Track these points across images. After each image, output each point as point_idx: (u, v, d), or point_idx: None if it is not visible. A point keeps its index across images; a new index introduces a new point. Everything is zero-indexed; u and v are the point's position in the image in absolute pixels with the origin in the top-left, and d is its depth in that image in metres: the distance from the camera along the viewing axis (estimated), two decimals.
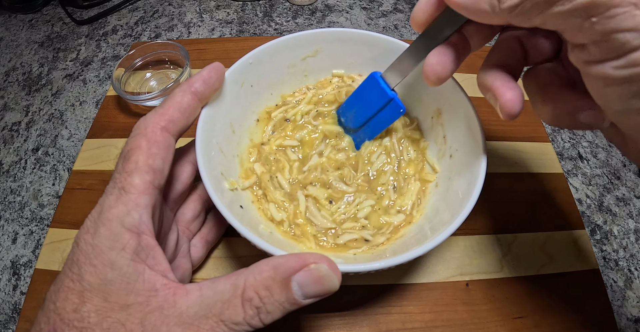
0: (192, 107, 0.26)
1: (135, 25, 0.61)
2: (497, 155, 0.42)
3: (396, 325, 0.32)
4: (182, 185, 0.29)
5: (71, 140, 0.47)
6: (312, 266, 0.20)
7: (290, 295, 0.19)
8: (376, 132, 0.34)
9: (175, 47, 0.47)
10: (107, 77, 0.54)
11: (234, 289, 0.19)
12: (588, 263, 0.35)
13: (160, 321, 0.19)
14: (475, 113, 0.28)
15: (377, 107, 0.32)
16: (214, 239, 0.34)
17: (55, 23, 0.63)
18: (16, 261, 0.38)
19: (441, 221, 0.27)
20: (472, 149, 0.28)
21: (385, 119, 0.32)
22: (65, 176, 0.44)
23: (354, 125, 0.34)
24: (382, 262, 0.23)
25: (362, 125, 0.34)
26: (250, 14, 0.62)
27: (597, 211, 0.41)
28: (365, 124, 0.33)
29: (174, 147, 0.25)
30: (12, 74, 0.56)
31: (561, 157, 0.45)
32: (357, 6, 0.64)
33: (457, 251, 0.35)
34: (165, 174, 0.23)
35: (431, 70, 0.23)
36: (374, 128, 0.33)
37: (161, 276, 0.20)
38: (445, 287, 0.33)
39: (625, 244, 0.39)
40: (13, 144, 0.48)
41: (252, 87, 0.34)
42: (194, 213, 0.31)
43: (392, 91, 0.30)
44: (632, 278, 0.37)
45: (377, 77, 0.31)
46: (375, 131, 0.34)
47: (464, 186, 0.27)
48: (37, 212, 0.42)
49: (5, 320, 0.35)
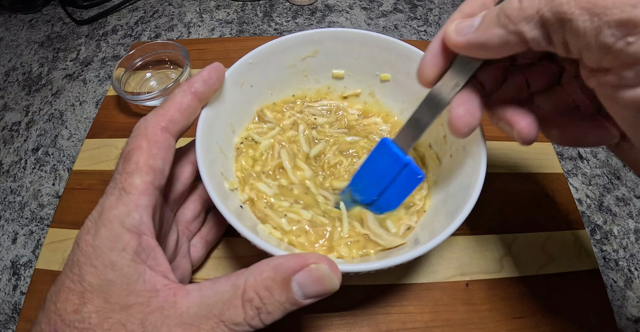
0: (192, 107, 0.26)
1: (135, 25, 0.61)
2: (497, 155, 0.42)
3: (396, 325, 0.32)
4: (182, 185, 0.29)
5: (71, 140, 0.47)
6: (312, 266, 0.20)
7: (290, 295, 0.19)
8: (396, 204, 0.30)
9: (175, 47, 0.47)
10: (107, 77, 0.54)
11: (234, 290, 0.19)
12: (588, 263, 0.35)
13: (161, 322, 0.19)
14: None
15: (393, 174, 0.28)
16: (214, 239, 0.34)
17: (55, 23, 0.63)
18: (16, 261, 0.39)
19: (441, 221, 0.27)
20: (472, 149, 0.28)
21: (402, 188, 0.29)
22: (65, 176, 0.44)
23: (367, 200, 0.31)
24: (382, 262, 0.23)
25: (376, 199, 0.31)
26: (250, 14, 0.62)
27: (597, 211, 0.41)
28: (380, 197, 0.30)
29: (174, 148, 0.25)
30: (12, 74, 0.56)
31: (561, 157, 0.45)
32: (357, 6, 0.64)
33: (457, 251, 0.35)
34: (165, 175, 0.23)
35: (461, 122, 0.22)
36: (393, 198, 0.30)
37: (162, 277, 0.20)
38: (445, 287, 0.33)
39: (625, 244, 0.39)
40: (13, 144, 0.48)
41: (252, 87, 0.34)
42: (194, 213, 0.31)
43: (406, 156, 0.27)
44: (632, 278, 0.37)
45: (387, 142, 0.28)
46: (395, 203, 0.30)
47: (464, 186, 0.27)
48: (37, 212, 0.42)
49: (5, 320, 0.35)
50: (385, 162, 0.28)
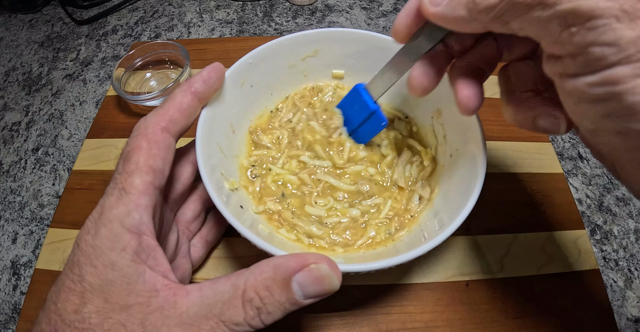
0: (192, 107, 0.26)
1: (135, 25, 0.61)
2: (497, 155, 0.42)
3: (396, 325, 0.32)
4: (182, 185, 0.29)
5: (71, 140, 0.47)
6: (312, 266, 0.20)
7: (290, 295, 0.19)
8: (364, 140, 0.34)
9: (175, 47, 0.47)
10: (107, 77, 0.54)
11: (235, 290, 0.19)
12: (588, 263, 0.35)
13: (161, 322, 0.19)
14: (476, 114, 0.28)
15: (361, 118, 0.32)
16: (214, 239, 0.34)
17: (55, 23, 0.63)
18: (16, 261, 0.39)
19: (441, 221, 0.27)
20: (472, 149, 0.28)
21: (369, 131, 0.33)
22: (65, 176, 0.44)
23: (348, 129, 0.34)
24: (382, 262, 0.23)
25: (354, 131, 0.34)
26: (250, 14, 0.62)
27: (597, 211, 0.41)
28: (355, 131, 0.34)
29: (174, 148, 0.25)
30: (12, 74, 0.56)
31: (561, 157, 0.45)
32: (357, 6, 0.64)
33: (457, 251, 0.35)
34: (165, 175, 0.23)
35: (417, 83, 0.24)
36: (362, 136, 0.34)
37: (162, 277, 0.20)
38: (445, 287, 0.33)
39: (625, 244, 0.39)
40: (13, 144, 0.48)
41: (252, 87, 0.34)
42: (194, 213, 0.31)
43: (374, 104, 0.30)
44: (632, 278, 0.37)
45: (360, 89, 0.31)
46: (363, 140, 0.34)
47: (463, 186, 0.27)
48: (37, 212, 0.42)
49: (5, 320, 0.35)
50: (357, 106, 0.32)
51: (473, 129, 0.28)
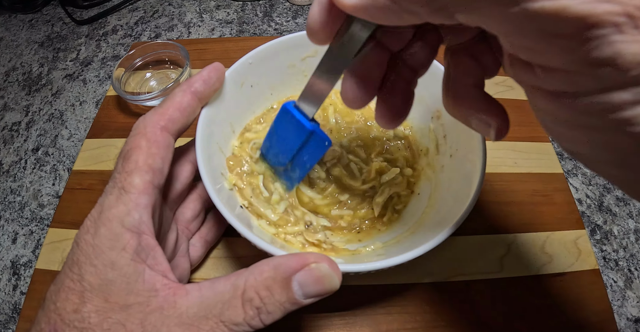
0: (192, 106, 0.26)
1: (135, 25, 0.61)
2: (497, 155, 0.42)
3: (396, 325, 0.32)
4: (182, 184, 0.29)
5: (71, 140, 0.47)
6: (312, 265, 0.20)
7: (291, 295, 0.19)
8: (304, 172, 0.30)
9: (175, 47, 0.47)
10: (107, 77, 0.54)
11: (234, 290, 0.19)
12: (588, 263, 0.35)
13: (161, 322, 0.19)
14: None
15: (299, 142, 0.27)
16: (214, 239, 0.34)
17: (55, 23, 0.63)
18: (16, 261, 0.38)
19: (441, 221, 0.27)
20: (472, 149, 0.28)
21: (311, 154, 0.28)
22: (65, 176, 0.44)
23: (281, 164, 0.31)
24: (382, 262, 0.23)
25: (289, 164, 0.30)
26: (250, 14, 0.62)
27: (597, 211, 0.41)
28: (295, 156, 0.29)
29: (173, 147, 0.25)
30: (12, 74, 0.56)
31: (561, 157, 0.45)
32: None
33: (457, 251, 0.35)
34: (164, 174, 0.23)
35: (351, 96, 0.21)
36: (301, 167, 0.30)
37: (161, 276, 0.20)
38: (445, 287, 0.33)
39: (625, 244, 0.39)
40: (13, 144, 0.48)
41: (252, 87, 0.34)
42: (193, 212, 0.31)
43: (310, 123, 0.26)
44: (632, 278, 0.37)
45: (289, 109, 0.26)
46: (303, 171, 0.30)
47: (463, 186, 0.27)
48: (37, 212, 0.42)
49: (5, 320, 0.35)
50: (291, 128, 0.27)
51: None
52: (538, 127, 0.45)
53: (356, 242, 0.31)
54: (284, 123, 0.28)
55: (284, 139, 0.28)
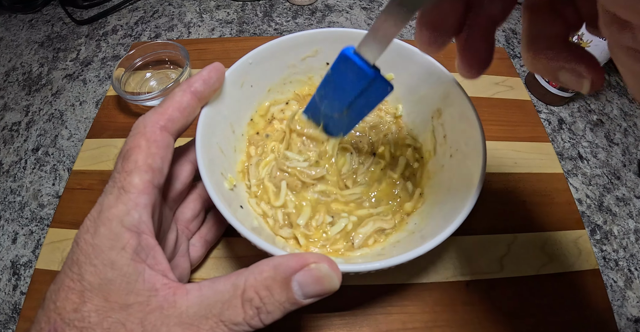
0: (192, 106, 0.26)
1: (135, 25, 0.61)
2: (497, 155, 0.42)
3: (396, 325, 0.32)
4: (182, 184, 0.29)
5: (71, 140, 0.47)
6: (312, 265, 0.20)
7: (290, 295, 0.19)
8: (359, 118, 0.30)
9: (175, 47, 0.47)
10: (107, 77, 0.54)
11: (234, 290, 0.19)
12: (588, 263, 0.35)
13: (161, 321, 0.19)
14: (475, 113, 0.28)
15: (358, 89, 0.26)
16: (214, 239, 0.34)
17: (55, 23, 0.63)
18: (16, 261, 0.38)
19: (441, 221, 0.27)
20: (472, 149, 0.28)
21: (371, 100, 0.27)
22: (65, 176, 0.44)
23: (336, 111, 0.29)
24: (382, 262, 0.23)
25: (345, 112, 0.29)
26: (250, 14, 0.62)
27: (597, 211, 0.41)
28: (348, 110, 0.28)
29: (173, 147, 0.25)
30: (12, 74, 0.56)
31: (561, 157, 0.45)
32: (357, 6, 0.64)
33: (457, 251, 0.35)
34: (164, 174, 0.23)
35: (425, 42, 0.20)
36: (357, 113, 0.29)
37: (161, 276, 0.20)
38: (445, 287, 0.33)
39: (625, 244, 0.39)
40: (13, 144, 0.48)
41: (252, 87, 0.34)
42: (193, 212, 0.31)
43: (372, 69, 0.25)
44: (632, 278, 0.37)
45: (349, 55, 0.25)
46: (358, 117, 0.29)
47: (463, 186, 0.27)
48: (37, 212, 0.42)
49: (5, 320, 0.35)
50: (350, 76, 0.26)
51: (473, 128, 0.28)
52: (538, 127, 0.45)
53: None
54: (343, 70, 0.26)
55: (342, 86, 0.27)
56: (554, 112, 0.49)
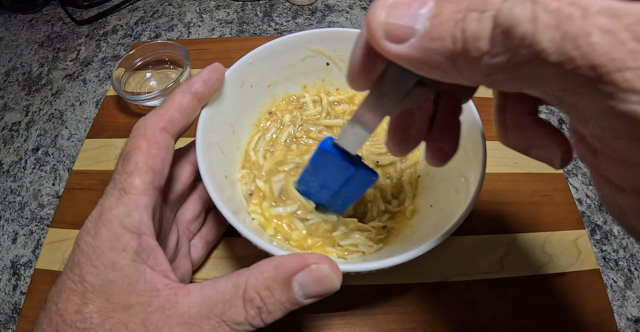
0: (192, 107, 0.26)
1: (135, 25, 0.61)
2: (497, 155, 0.42)
3: (396, 325, 0.32)
4: (182, 185, 0.29)
5: (71, 140, 0.47)
6: (313, 266, 0.20)
7: (291, 295, 0.19)
8: (347, 204, 0.29)
9: (175, 47, 0.47)
10: (107, 77, 0.54)
11: (235, 289, 0.19)
12: (588, 263, 0.35)
13: (162, 321, 0.19)
14: (476, 113, 0.28)
15: (341, 181, 0.26)
16: (214, 239, 0.34)
17: (55, 23, 0.63)
18: (16, 261, 0.38)
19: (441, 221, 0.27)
20: (472, 149, 0.28)
21: (356, 189, 0.27)
22: (65, 176, 0.44)
23: (322, 201, 0.30)
24: (382, 262, 0.23)
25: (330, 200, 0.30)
26: (250, 14, 0.62)
27: (597, 211, 0.41)
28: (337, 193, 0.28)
29: (173, 148, 0.25)
30: (12, 74, 0.56)
31: None
32: (357, 6, 0.64)
33: (457, 251, 0.35)
34: (165, 175, 0.23)
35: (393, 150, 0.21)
36: (345, 200, 0.29)
37: (162, 276, 0.20)
38: (445, 287, 0.33)
39: (625, 244, 0.39)
40: (13, 144, 0.48)
41: (252, 87, 0.34)
42: (194, 213, 0.31)
43: (352, 165, 0.25)
44: (632, 278, 0.37)
45: (328, 149, 0.24)
46: (346, 204, 0.29)
47: (463, 186, 0.27)
48: (37, 212, 0.42)
49: (5, 320, 0.35)
50: (331, 169, 0.26)
51: (473, 128, 0.28)
52: None
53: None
54: (322, 163, 0.26)
55: (324, 177, 0.27)
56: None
